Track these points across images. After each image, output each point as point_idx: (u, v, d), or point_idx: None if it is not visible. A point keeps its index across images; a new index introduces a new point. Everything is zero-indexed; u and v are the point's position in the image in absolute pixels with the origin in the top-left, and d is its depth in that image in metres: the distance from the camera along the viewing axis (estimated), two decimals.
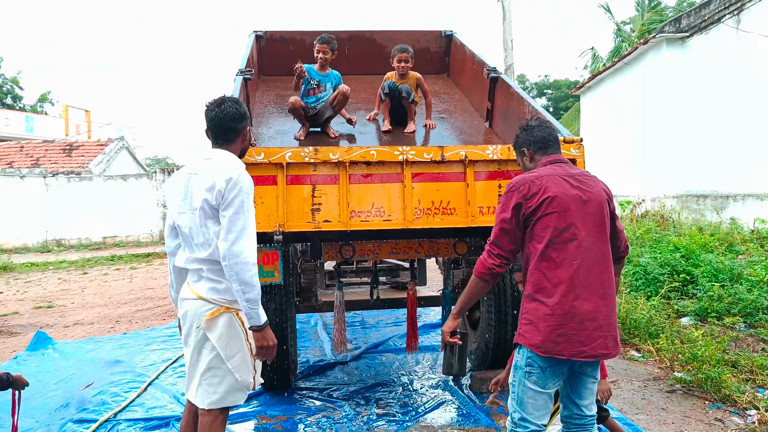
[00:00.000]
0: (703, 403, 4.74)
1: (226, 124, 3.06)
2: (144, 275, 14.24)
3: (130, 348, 7.01)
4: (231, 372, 2.95)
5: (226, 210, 2.84)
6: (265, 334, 2.93)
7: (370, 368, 5.79)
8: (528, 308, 2.78)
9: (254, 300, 2.84)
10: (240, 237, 2.81)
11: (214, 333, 2.93)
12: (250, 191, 2.93)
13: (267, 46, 7.10)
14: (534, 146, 3.05)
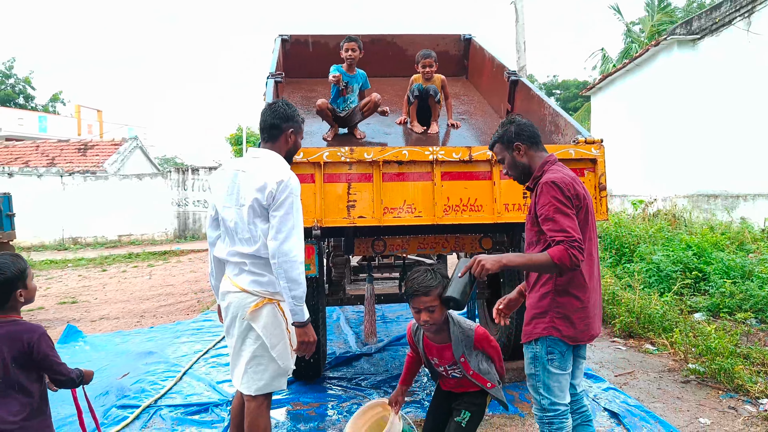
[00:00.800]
0: (717, 392, 4.95)
1: (271, 120, 3.26)
2: (162, 272, 14.52)
3: (159, 341, 7.27)
4: (275, 359, 3.13)
5: (277, 210, 3.01)
6: (307, 330, 3.12)
7: (395, 359, 6.02)
8: (562, 302, 2.92)
9: (300, 297, 3.03)
10: (289, 236, 3.00)
11: (259, 323, 3.11)
12: (298, 193, 3.10)
13: (292, 50, 7.34)
14: (528, 141, 3.13)
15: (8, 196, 9.81)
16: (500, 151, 3.20)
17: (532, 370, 3.02)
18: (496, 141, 3.22)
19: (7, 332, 2.68)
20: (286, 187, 3.03)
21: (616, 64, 26.14)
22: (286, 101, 3.36)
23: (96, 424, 3.43)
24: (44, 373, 2.80)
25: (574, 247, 2.74)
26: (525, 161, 3.12)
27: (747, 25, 13.04)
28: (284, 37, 7.39)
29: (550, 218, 2.82)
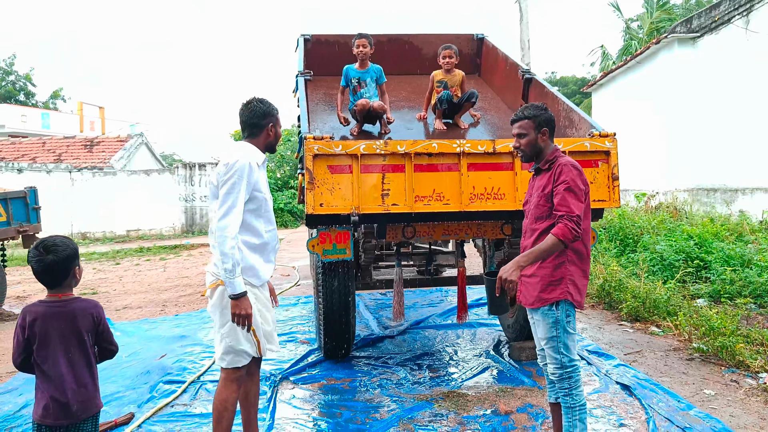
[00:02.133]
0: (720, 368, 5.34)
1: (250, 120, 3.54)
2: (175, 265, 14.88)
3: (188, 327, 7.64)
4: (224, 336, 3.37)
5: (221, 188, 3.28)
6: (240, 303, 3.23)
7: (416, 341, 6.40)
8: (572, 270, 3.36)
9: (230, 270, 3.16)
10: (227, 213, 3.22)
11: (211, 302, 3.42)
12: (245, 175, 3.28)
13: (313, 49, 7.69)
14: (552, 130, 3.52)
15: (34, 190, 10.17)
16: (527, 128, 3.46)
17: (554, 333, 3.39)
18: (526, 117, 3.47)
19: (78, 308, 2.88)
20: (231, 168, 3.27)
21: (616, 61, 26.52)
22: (260, 98, 3.64)
23: None
24: (101, 345, 2.98)
25: (573, 220, 3.22)
26: (542, 145, 3.48)
27: (745, 24, 13.42)
28: (306, 37, 7.75)
29: (566, 191, 3.27)
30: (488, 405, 4.59)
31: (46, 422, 2.80)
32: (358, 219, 4.50)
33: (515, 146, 3.59)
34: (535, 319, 3.52)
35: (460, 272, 5.52)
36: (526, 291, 3.48)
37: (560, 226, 3.21)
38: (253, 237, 3.45)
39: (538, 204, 3.43)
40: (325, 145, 4.51)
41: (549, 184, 3.38)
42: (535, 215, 3.45)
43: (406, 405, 4.63)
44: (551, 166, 3.43)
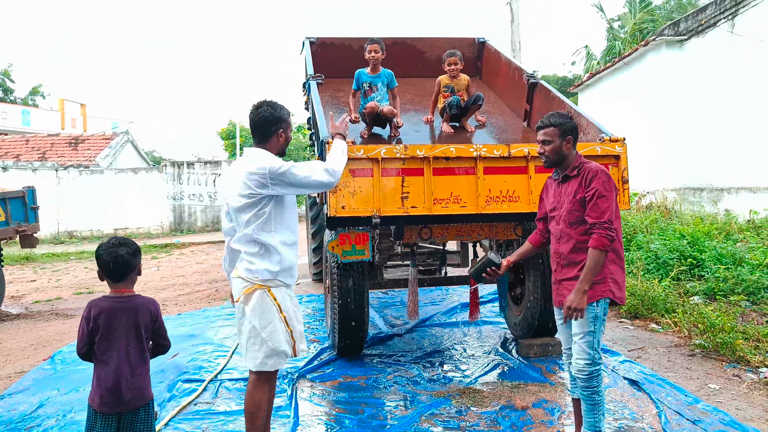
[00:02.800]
0: (721, 363, 5.55)
1: (261, 126, 3.58)
2: (168, 264, 14.89)
3: (194, 325, 7.71)
4: (265, 341, 3.41)
5: (283, 179, 3.40)
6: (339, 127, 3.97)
7: (424, 339, 6.55)
8: (613, 269, 3.56)
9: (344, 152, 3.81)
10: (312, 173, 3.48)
11: (249, 306, 3.44)
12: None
13: (317, 52, 7.80)
14: (575, 138, 3.70)
15: (32, 190, 10.15)
16: (553, 135, 3.63)
17: (591, 328, 3.54)
18: (553, 125, 3.63)
19: (140, 303, 3.12)
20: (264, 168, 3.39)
21: (600, 61, 26.90)
22: (271, 102, 3.64)
23: None
24: (156, 340, 3.22)
25: (604, 227, 3.43)
26: (566, 153, 3.65)
27: (731, 27, 13.75)
28: (311, 40, 7.86)
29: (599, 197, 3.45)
30: (504, 401, 4.75)
31: (103, 410, 2.94)
32: (379, 221, 4.63)
33: (540, 152, 3.73)
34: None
35: None
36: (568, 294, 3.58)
37: (595, 237, 3.41)
38: (290, 234, 3.56)
39: (571, 210, 3.59)
40: (348, 149, 4.62)
41: (580, 191, 3.55)
42: (569, 221, 3.61)
43: (425, 401, 4.77)
44: (579, 172, 3.60)
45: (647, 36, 26.09)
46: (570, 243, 3.62)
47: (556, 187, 3.78)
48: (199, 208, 22.60)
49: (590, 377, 3.55)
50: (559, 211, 3.70)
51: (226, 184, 3.66)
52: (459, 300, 8.15)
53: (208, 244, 18.30)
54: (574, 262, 3.63)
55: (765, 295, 7.38)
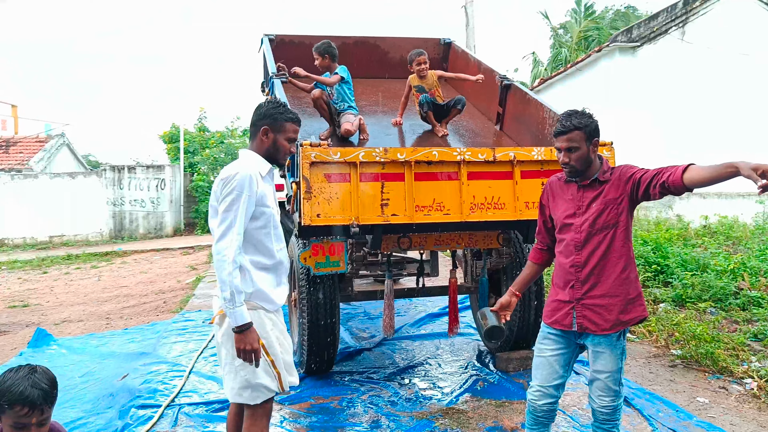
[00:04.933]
0: (704, 374, 5.40)
1: (251, 118, 3.22)
2: (110, 273, 14.12)
3: (144, 341, 7.17)
4: (238, 370, 2.99)
5: (220, 206, 2.93)
6: (245, 337, 2.86)
7: (396, 353, 6.20)
8: (639, 284, 3.15)
9: (228, 299, 2.82)
10: (224, 235, 2.86)
11: (221, 330, 3.04)
12: (245, 190, 2.91)
13: (277, 50, 7.39)
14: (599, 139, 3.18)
15: None
16: (579, 140, 3.07)
17: (620, 364, 3.12)
18: (577, 127, 3.07)
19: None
20: (229, 182, 2.92)
21: (547, 68, 27.23)
22: (272, 100, 3.28)
23: None
24: None
25: None
26: (593, 158, 3.14)
27: (681, 35, 13.97)
28: (270, 37, 7.45)
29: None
30: (491, 421, 4.45)
31: None
32: (358, 230, 4.27)
33: (564, 162, 3.12)
34: (597, 351, 3.14)
35: (451, 284, 5.37)
36: (597, 316, 3.08)
37: (681, 166, 2.95)
38: (263, 257, 3.09)
39: (603, 212, 3.08)
40: (322, 152, 4.25)
41: (617, 191, 3.08)
42: (599, 225, 3.08)
43: (407, 423, 4.43)
44: (612, 174, 3.13)
45: (592, 43, 26.62)
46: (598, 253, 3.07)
47: (575, 191, 3.20)
48: (141, 215, 21.68)
49: (615, 411, 3.17)
50: (579, 218, 3.14)
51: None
52: (425, 310, 7.84)
53: (152, 251, 17.50)
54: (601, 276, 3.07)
55: (732, 302, 7.33)
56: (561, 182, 3.32)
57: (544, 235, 3.46)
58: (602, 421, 3.20)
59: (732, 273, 7.94)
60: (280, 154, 3.22)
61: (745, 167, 2.60)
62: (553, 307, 3.25)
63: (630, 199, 3.09)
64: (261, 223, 3.07)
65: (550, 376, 3.23)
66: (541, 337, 3.32)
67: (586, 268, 3.10)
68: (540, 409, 3.26)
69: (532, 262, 3.50)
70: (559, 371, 3.23)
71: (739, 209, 13.44)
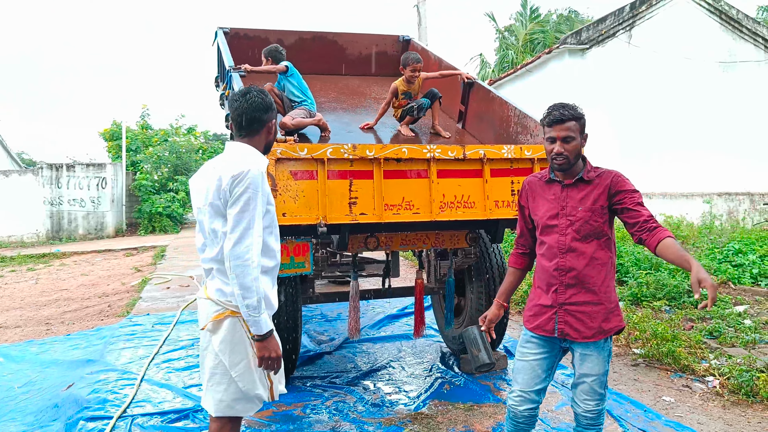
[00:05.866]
0: (666, 373, 5.43)
1: (251, 114, 2.91)
2: (48, 276, 13.47)
3: (89, 348, 6.80)
4: (234, 380, 2.81)
5: (232, 207, 2.71)
6: (268, 344, 2.74)
7: (357, 357, 6.03)
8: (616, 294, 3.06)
9: (254, 306, 2.66)
10: (243, 237, 2.67)
11: (217, 337, 2.81)
12: (260, 188, 2.74)
13: (232, 43, 7.13)
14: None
15: None
16: (575, 131, 2.97)
17: (607, 368, 3.04)
18: (574, 118, 2.97)
19: None
20: (242, 181, 2.70)
21: (495, 69, 27.49)
22: (260, 89, 3.02)
23: None
24: None
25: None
26: (582, 153, 3.05)
27: (628, 38, 14.24)
28: (225, 30, 7.19)
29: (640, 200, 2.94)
30: (461, 426, 4.33)
31: None
32: (326, 230, 4.09)
33: (557, 152, 2.95)
34: (584, 353, 3.02)
35: (417, 285, 5.24)
36: (580, 323, 2.99)
37: (661, 229, 2.81)
38: (267, 259, 2.88)
39: (589, 220, 2.97)
40: (288, 148, 4.06)
41: (603, 197, 2.96)
42: (584, 233, 2.98)
43: (374, 431, 4.27)
44: (599, 176, 3.01)
45: (538, 46, 27.05)
46: (583, 259, 2.99)
47: (558, 191, 3.08)
48: (81, 215, 20.85)
49: (599, 415, 3.07)
50: (563, 219, 3.03)
51: (198, 187, 2.95)
52: (384, 311, 7.71)
53: (93, 253, 16.82)
54: (585, 283, 2.97)
55: (686, 300, 7.45)
56: (541, 182, 3.17)
57: (526, 238, 3.31)
58: (585, 425, 3.09)
59: (684, 272, 8.07)
60: (271, 146, 3.16)
61: (695, 273, 2.59)
62: (535, 311, 3.12)
63: (611, 212, 3.02)
64: (267, 222, 2.89)
65: (532, 380, 3.11)
66: (523, 341, 3.20)
67: (571, 273, 2.99)
68: (521, 415, 3.15)
69: (515, 269, 3.36)
70: (541, 375, 3.12)
71: (684, 209, 13.81)
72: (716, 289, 2.58)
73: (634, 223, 2.89)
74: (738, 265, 8.62)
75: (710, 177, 14.60)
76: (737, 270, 8.42)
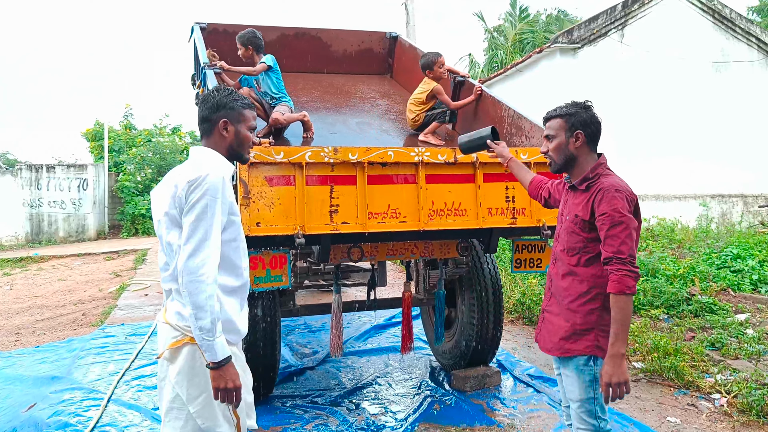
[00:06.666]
0: (669, 389, 5.11)
1: (200, 113, 2.68)
2: (24, 282, 13.02)
3: (57, 362, 6.41)
4: (192, 416, 2.48)
5: (187, 215, 2.39)
6: (224, 373, 2.37)
7: (341, 372, 5.67)
8: (606, 320, 2.68)
9: (207, 329, 2.32)
10: (198, 249, 2.34)
11: (174, 367, 2.49)
12: (220, 195, 2.43)
13: (209, 39, 6.76)
14: (590, 136, 2.85)
15: None
16: (557, 129, 2.87)
17: (590, 394, 2.74)
18: (559, 116, 2.88)
19: None
20: (199, 186, 2.39)
21: (484, 69, 27.19)
22: (222, 87, 2.75)
23: None
24: None
25: (626, 263, 2.58)
26: (575, 153, 2.84)
27: (620, 38, 13.96)
28: (202, 25, 6.80)
29: (612, 227, 2.61)
30: None
31: None
32: (303, 241, 3.73)
33: (543, 151, 2.97)
34: (564, 373, 2.86)
35: (405, 297, 4.89)
36: (546, 332, 2.88)
37: (614, 278, 2.55)
38: (231, 277, 2.55)
39: (571, 231, 2.80)
40: (263, 151, 3.70)
41: (585, 211, 2.73)
42: (567, 245, 2.82)
43: None
44: (589, 186, 2.77)
45: (527, 46, 26.78)
46: (562, 269, 2.85)
47: (564, 193, 2.98)
48: (61, 217, 20.36)
49: None
50: (559, 225, 2.94)
51: (157, 197, 2.60)
52: (371, 321, 7.36)
53: (72, 257, 16.35)
54: (557, 295, 2.88)
55: (685, 308, 7.15)
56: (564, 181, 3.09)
57: (546, 190, 3.32)
58: None
59: (682, 278, 7.78)
60: (245, 148, 2.74)
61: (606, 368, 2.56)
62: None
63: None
64: (230, 235, 2.55)
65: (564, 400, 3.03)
66: None
67: (552, 281, 2.96)
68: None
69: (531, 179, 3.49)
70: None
71: (678, 211, 13.54)
72: (610, 385, 2.53)
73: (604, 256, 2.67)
74: (737, 271, 8.34)
75: (703, 179, 14.34)
76: (737, 276, 8.14)
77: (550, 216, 4.23)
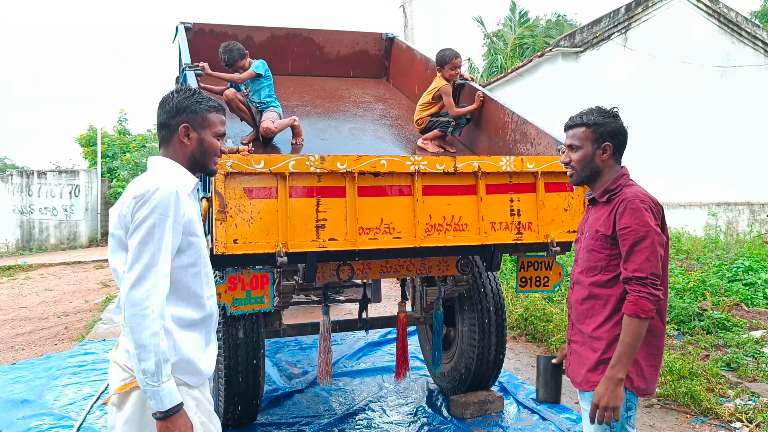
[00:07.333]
0: (686, 417, 4.73)
1: (159, 117, 2.34)
2: (9, 291, 12.61)
3: (31, 382, 6.02)
4: None
5: (131, 237, 2.07)
6: (173, 425, 2.03)
7: (332, 396, 5.28)
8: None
9: (152, 373, 1.97)
10: (143, 278, 2.02)
11: (122, 414, 2.15)
12: (170, 212, 2.10)
13: (195, 40, 6.41)
14: (617, 149, 2.61)
15: None
16: (583, 139, 2.59)
17: (608, 430, 2.44)
18: (585, 124, 2.60)
19: None
20: (147, 202, 2.07)
21: (483, 74, 26.87)
22: (183, 87, 2.42)
23: None
24: None
25: (647, 284, 2.32)
26: (601, 166, 2.59)
27: (624, 41, 13.63)
28: (187, 25, 6.45)
29: (634, 243, 2.35)
30: None
31: None
32: (286, 260, 3.35)
33: (564, 162, 2.67)
34: (583, 407, 2.57)
35: (400, 318, 4.51)
36: (575, 364, 2.59)
37: (630, 300, 2.31)
38: (190, 309, 2.20)
39: (591, 248, 2.52)
40: (241, 160, 3.33)
41: (607, 225, 2.46)
42: (587, 265, 2.52)
43: None
44: (611, 199, 2.49)
45: (527, 50, 26.47)
46: (582, 292, 2.56)
47: (585, 211, 2.75)
48: (53, 224, 19.95)
49: None
50: (578, 244, 2.66)
51: (112, 215, 2.23)
52: (364, 337, 6.97)
53: (62, 265, 15.94)
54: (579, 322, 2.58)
55: (696, 324, 6.77)
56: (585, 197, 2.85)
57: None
58: None
59: (692, 292, 7.41)
60: (210, 158, 2.37)
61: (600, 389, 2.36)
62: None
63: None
64: (188, 259, 2.20)
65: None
66: None
67: (572, 308, 2.64)
68: None
69: None
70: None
71: (683, 220, 13.17)
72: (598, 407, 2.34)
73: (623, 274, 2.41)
74: (750, 284, 7.97)
75: (709, 186, 13.99)
76: (749, 290, 7.76)
77: (558, 231, 3.87)
